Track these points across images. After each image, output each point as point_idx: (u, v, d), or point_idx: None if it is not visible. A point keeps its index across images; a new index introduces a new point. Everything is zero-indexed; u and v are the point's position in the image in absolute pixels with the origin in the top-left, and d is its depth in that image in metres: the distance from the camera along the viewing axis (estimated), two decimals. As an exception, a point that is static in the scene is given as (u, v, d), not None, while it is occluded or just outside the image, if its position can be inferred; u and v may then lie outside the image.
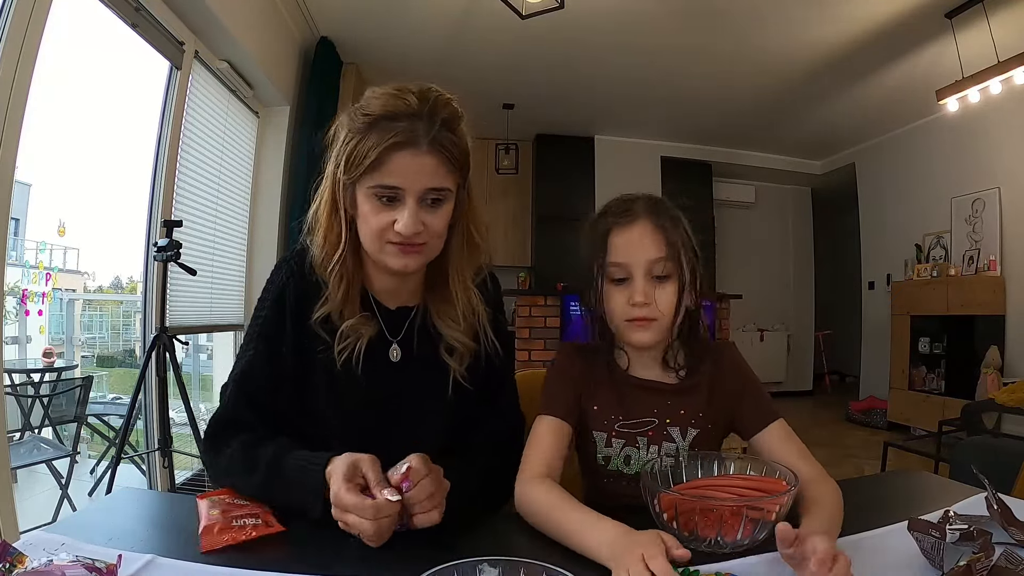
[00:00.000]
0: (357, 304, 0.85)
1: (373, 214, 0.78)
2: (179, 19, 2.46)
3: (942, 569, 0.59)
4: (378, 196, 0.77)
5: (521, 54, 3.86)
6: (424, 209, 0.78)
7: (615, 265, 0.85)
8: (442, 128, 0.76)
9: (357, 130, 0.77)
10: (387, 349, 0.88)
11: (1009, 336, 3.94)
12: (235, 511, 0.71)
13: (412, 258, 0.80)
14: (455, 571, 0.50)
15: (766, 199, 6.43)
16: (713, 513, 0.66)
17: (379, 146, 0.74)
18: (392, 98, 0.77)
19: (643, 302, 0.83)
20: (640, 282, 0.84)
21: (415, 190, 0.77)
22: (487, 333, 0.90)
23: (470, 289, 0.88)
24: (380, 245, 0.80)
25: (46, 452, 2.28)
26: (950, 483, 0.97)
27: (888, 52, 3.68)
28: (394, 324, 0.89)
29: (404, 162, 0.75)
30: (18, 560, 0.52)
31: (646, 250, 0.84)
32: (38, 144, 1.90)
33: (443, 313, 0.88)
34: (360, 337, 0.84)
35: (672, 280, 0.85)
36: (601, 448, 0.89)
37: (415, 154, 0.75)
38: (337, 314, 0.84)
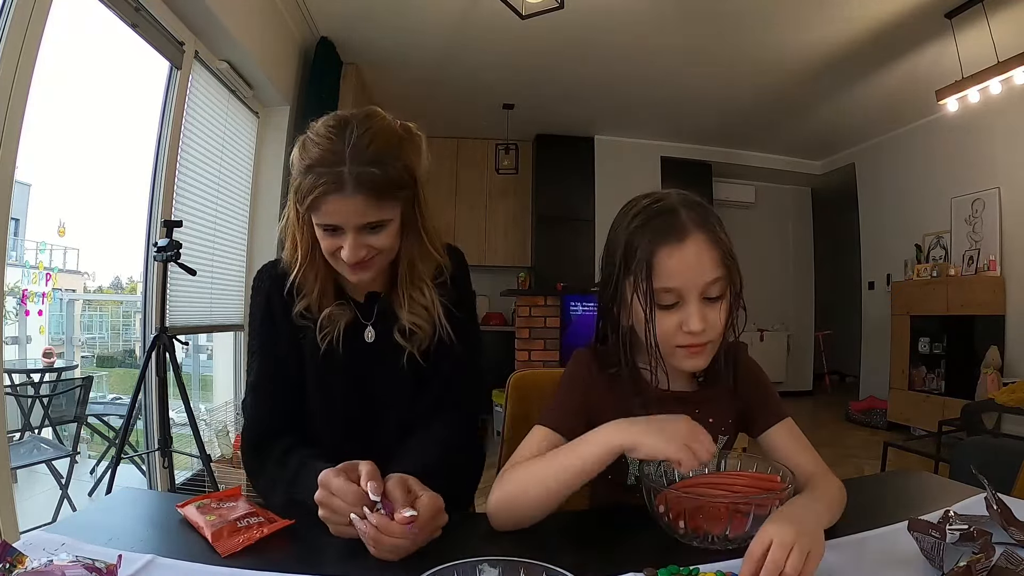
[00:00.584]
0: (332, 295, 0.94)
1: (323, 239, 0.85)
2: (179, 19, 2.46)
3: (942, 569, 0.58)
4: (323, 228, 0.84)
5: (521, 54, 3.85)
6: (366, 234, 0.84)
7: (665, 291, 0.75)
8: (368, 166, 0.79)
9: (299, 171, 0.83)
10: (363, 332, 0.96)
11: (1009, 336, 3.94)
12: (230, 514, 0.71)
13: (365, 272, 0.88)
14: (455, 571, 0.50)
15: (766, 199, 6.43)
16: (711, 511, 0.66)
17: (312, 192, 0.80)
18: (324, 140, 0.82)
19: (701, 330, 0.75)
20: (695, 307, 0.75)
21: (351, 225, 0.82)
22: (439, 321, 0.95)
23: (423, 284, 0.94)
24: (335, 262, 0.87)
25: (46, 452, 2.28)
26: (950, 483, 0.97)
27: (888, 52, 3.69)
28: (367, 308, 0.97)
29: (335, 206, 0.80)
30: (18, 560, 0.52)
31: (703, 273, 0.74)
32: (38, 144, 1.90)
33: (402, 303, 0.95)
34: (338, 322, 0.93)
35: (725, 296, 0.77)
36: (635, 468, 0.83)
37: (342, 198, 0.80)
38: (316, 306, 0.92)
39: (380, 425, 0.96)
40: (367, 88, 4.29)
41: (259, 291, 0.97)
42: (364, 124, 0.83)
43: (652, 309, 0.75)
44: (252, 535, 0.67)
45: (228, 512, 0.71)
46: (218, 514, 0.70)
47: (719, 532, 0.66)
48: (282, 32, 3.28)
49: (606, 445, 0.71)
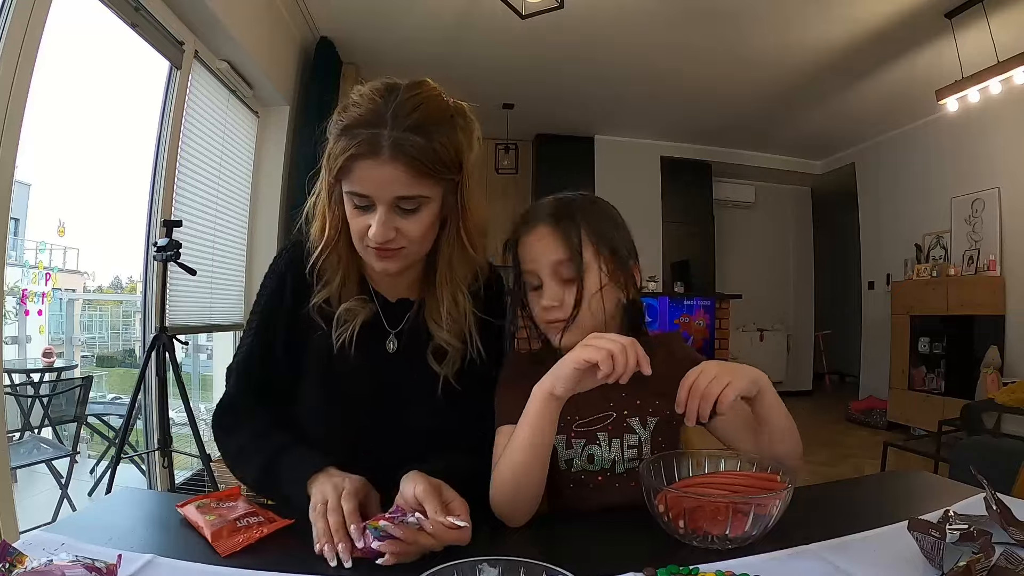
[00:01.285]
0: (355, 290, 0.86)
1: (352, 217, 0.79)
2: (179, 19, 2.46)
3: (942, 569, 0.58)
4: (353, 201, 0.77)
5: (521, 54, 3.86)
6: (398, 215, 0.77)
7: (527, 272, 0.86)
8: (408, 133, 0.73)
9: (334, 134, 0.77)
10: (385, 339, 0.89)
11: (1009, 336, 3.94)
12: (230, 513, 0.71)
13: (390, 262, 0.80)
14: (455, 571, 0.50)
15: (766, 199, 6.43)
16: (710, 510, 0.66)
17: (344, 154, 0.74)
18: (367, 100, 0.76)
19: (552, 305, 0.83)
20: (547, 285, 0.84)
21: (383, 199, 0.75)
22: (472, 337, 0.89)
23: (460, 291, 0.88)
24: (361, 247, 0.81)
25: (46, 452, 2.28)
26: (950, 483, 0.96)
27: (888, 52, 3.69)
28: (394, 315, 0.89)
29: (367, 172, 0.74)
30: (18, 560, 0.52)
31: (546, 253, 0.84)
32: (38, 144, 1.90)
33: (435, 313, 0.88)
34: (355, 319, 0.85)
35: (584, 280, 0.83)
36: (563, 451, 0.87)
37: (377, 163, 0.73)
38: (336, 299, 0.85)
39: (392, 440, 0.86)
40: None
41: (274, 271, 0.90)
42: (413, 89, 0.77)
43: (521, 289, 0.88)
44: (252, 535, 0.67)
45: (228, 512, 0.71)
46: (218, 514, 0.70)
47: (719, 532, 0.66)
48: (282, 32, 3.28)
49: (537, 396, 0.73)
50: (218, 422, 0.87)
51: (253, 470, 0.80)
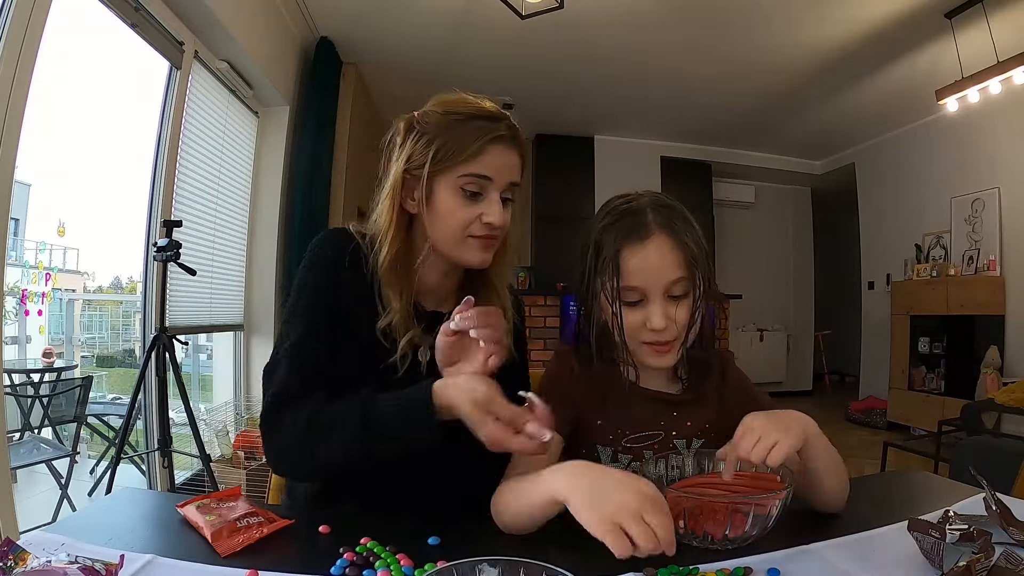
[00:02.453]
0: (412, 314, 0.86)
1: (458, 208, 0.82)
2: (179, 19, 2.46)
3: (942, 569, 0.59)
4: (465, 189, 0.81)
5: (521, 54, 3.86)
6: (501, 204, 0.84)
7: (629, 289, 0.78)
8: (518, 131, 0.85)
9: (444, 127, 0.81)
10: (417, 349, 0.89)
11: (1009, 336, 3.94)
12: (230, 514, 0.71)
13: (490, 252, 0.85)
14: (455, 571, 0.50)
15: (766, 199, 6.43)
16: (710, 510, 0.66)
17: (480, 138, 0.80)
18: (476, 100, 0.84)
19: (664, 327, 0.77)
20: (658, 305, 0.77)
21: (501, 183, 0.83)
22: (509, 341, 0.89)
23: (507, 298, 0.92)
24: (461, 238, 0.83)
25: (46, 452, 2.28)
26: (950, 483, 0.97)
27: (888, 52, 3.69)
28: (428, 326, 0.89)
29: (497, 155, 0.81)
30: (20, 558, 0.52)
31: (665, 272, 0.77)
32: (38, 144, 1.90)
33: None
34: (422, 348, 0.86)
35: (690, 296, 0.79)
36: (607, 464, 0.85)
37: (507, 149, 0.82)
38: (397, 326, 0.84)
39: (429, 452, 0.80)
40: (367, 88, 4.29)
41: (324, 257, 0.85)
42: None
43: (619, 306, 0.78)
44: (252, 535, 0.67)
45: (228, 512, 0.71)
46: (218, 514, 0.70)
47: (719, 534, 0.66)
48: (282, 32, 3.28)
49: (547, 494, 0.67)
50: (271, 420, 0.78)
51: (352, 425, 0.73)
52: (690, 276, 0.78)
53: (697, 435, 0.86)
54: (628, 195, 0.86)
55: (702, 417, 0.85)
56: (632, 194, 0.86)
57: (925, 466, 2.93)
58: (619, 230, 0.79)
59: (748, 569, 0.61)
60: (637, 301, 0.78)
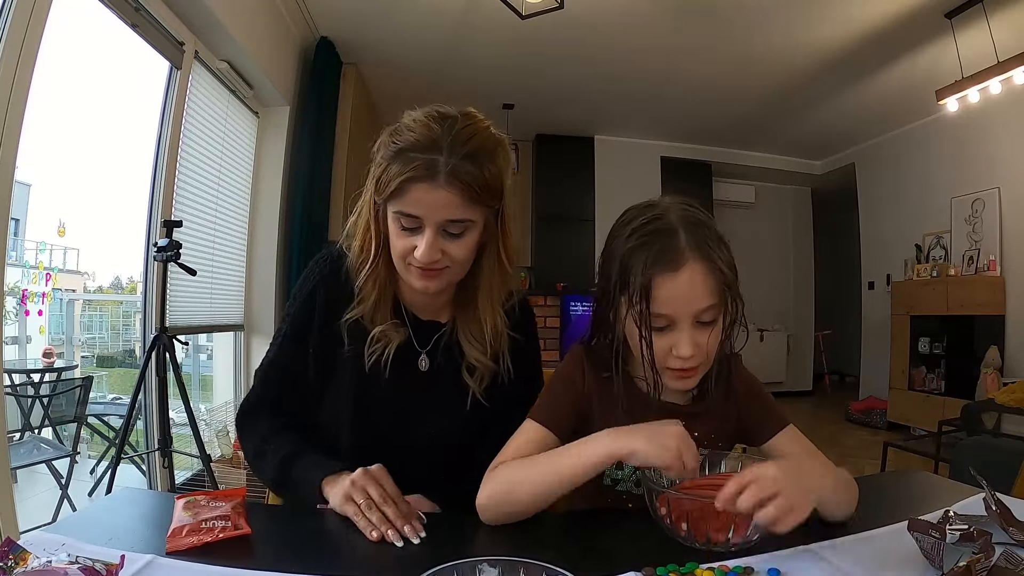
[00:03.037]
0: (389, 311, 0.89)
1: (397, 238, 0.81)
2: (179, 19, 2.46)
3: (942, 569, 0.58)
4: (400, 222, 0.80)
5: (521, 54, 3.85)
6: (445, 238, 0.80)
7: (657, 315, 0.75)
8: (463, 161, 0.77)
9: (387, 156, 0.79)
10: (416, 359, 0.92)
11: (1009, 336, 3.94)
12: (206, 513, 0.70)
13: (432, 282, 0.83)
14: (455, 571, 0.50)
15: (766, 199, 6.43)
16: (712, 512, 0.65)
17: (399, 177, 0.77)
18: (422, 127, 0.78)
19: (691, 356, 0.75)
20: (686, 333, 0.75)
21: (433, 221, 0.78)
22: (504, 358, 0.92)
23: (497, 312, 0.90)
24: (403, 266, 0.83)
25: (46, 452, 2.28)
26: (950, 483, 0.97)
27: (888, 52, 3.69)
28: (424, 335, 0.92)
29: (421, 195, 0.77)
30: (21, 558, 0.52)
31: (695, 301, 0.74)
32: (38, 144, 1.90)
33: (468, 332, 0.91)
34: (389, 343, 0.88)
35: (719, 320, 0.77)
36: (611, 471, 0.84)
37: (432, 187, 0.76)
38: (368, 319, 0.87)
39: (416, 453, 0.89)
40: (367, 88, 4.29)
41: (309, 278, 0.92)
42: (467, 119, 0.81)
43: (649, 334, 0.75)
44: (203, 537, 0.66)
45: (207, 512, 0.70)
46: (195, 512, 0.70)
47: (722, 536, 0.66)
48: (282, 32, 3.28)
49: (605, 451, 0.71)
50: (239, 423, 0.93)
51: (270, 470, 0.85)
52: (721, 302, 0.76)
53: (704, 444, 0.84)
54: (653, 205, 0.80)
55: (709, 426, 0.84)
56: (657, 204, 0.80)
57: (925, 466, 2.93)
58: (650, 254, 0.75)
59: (749, 569, 0.61)
60: (664, 327, 0.76)
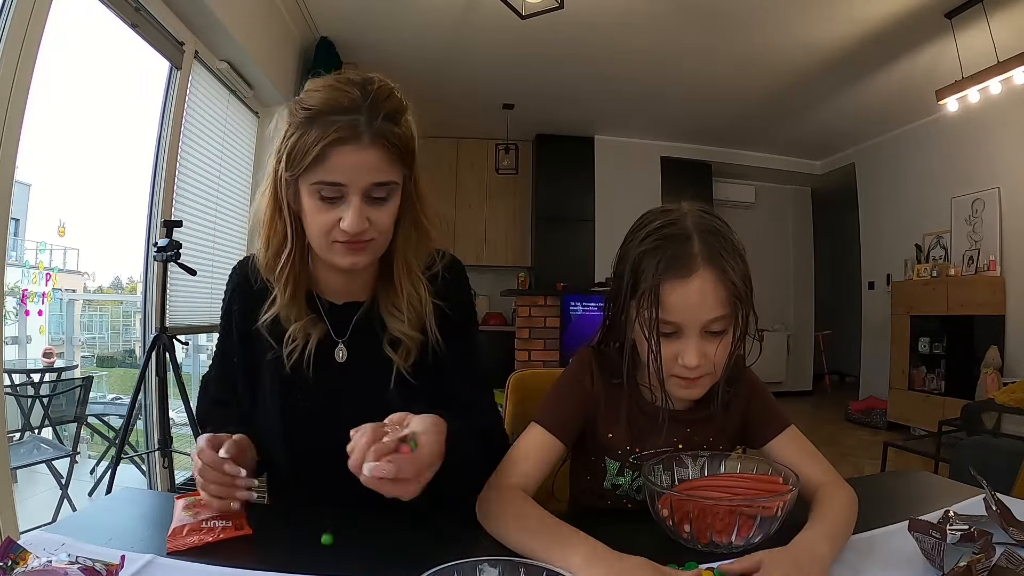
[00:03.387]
0: (303, 305, 0.83)
1: (317, 212, 0.75)
2: (179, 19, 2.46)
3: (942, 569, 0.58)
4: (320, 194, 0.74)
5: (521, 54, 3.85)
6: (369, 205, 0.75)
7: (665, 322, 0.74)
8: (384, 120, 0.73)
9: (297, 124, 0.74)
10: (333, 349, 0.86)
11: (1009, 336, 3.94)
12: (206, 512, 0.70)
13: (360, 256, 0.77)
14: (455, 571, 0.50)
15: (766, 199, 6.43)
16: (714, 513, 0.66)
17: (320, 142, 0.71)
18: (333, 91, 0.74)
19: (696, 365, 0.74)
20: (693, 342, 0.73)
21: (359, 186, 0.73)
22: (431, 326, 0.85)
23: (418, 280, 0.84)
24: (327, 244, 0.77)
25: (46, 452, 2.28)
26: (950, 483, 0.97)
27: (888, 52, 3.68)
28: (339, 322, 0.87)
29: (346, 158, 0.72)
30: (21, 558, 0.52)
31: (705, 311, 0.73)
32: (38, 144, 1.90)
33: (392, 304, 0.85)
34: (308, 339, 0.83)
35: (729, 331, 0.75)
36: (613, 476, 0.84)
37: (357, 149, 0.72)
38: (284, 317, 0.83)
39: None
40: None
41: (225, 293, 0.92)
42: (379, 80, 0.76)
43: (657, 339, 0.74)
44: (204, 537, 0.66)
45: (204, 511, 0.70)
46: (195, 512, 0.70)
47: (725, 537, 0.66)
48: (282, 32, 3.28)
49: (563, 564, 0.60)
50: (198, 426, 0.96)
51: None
52: (731, 314, 0.74)
53: (704, 447, 0.84)
54: (670, 210, 0.79)
55: (710, 433, 0.84)
56: (676, 209, 0.79)
57: (925, 466, 2.93)
58: (662, 259, 0.73)
59: (748, 569, 0.61)
60: (672, 333, 0.75)
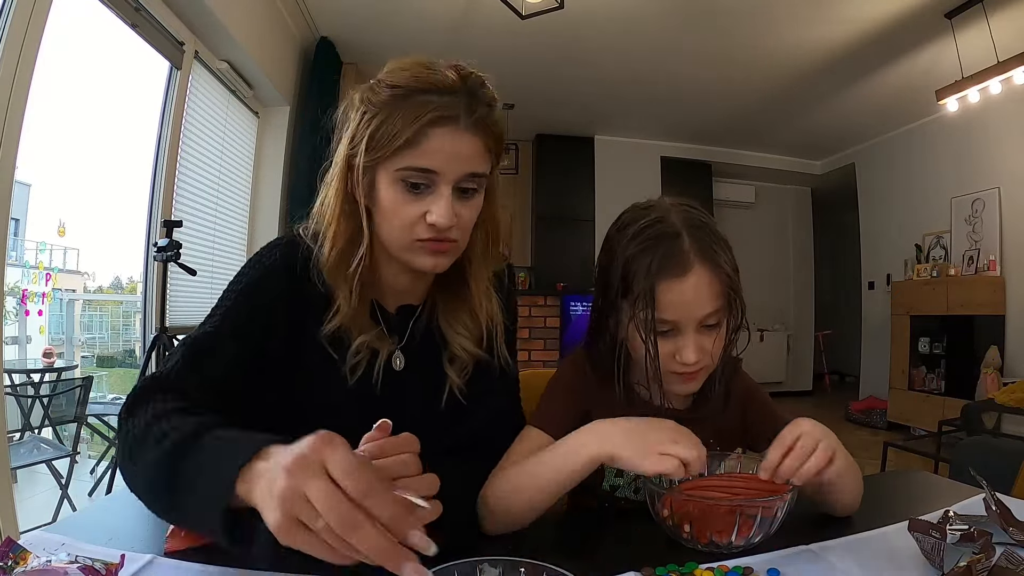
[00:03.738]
0: (367, 314, 0.75)
1: (400, 204, 0.67)
2: (179, 19, 2.46)
3: (942, 570, 0.58)
4: (406, 182, 0.66)
5: (521, 54, 3.85)
6: (457, 199, 0.68)
7: (662, 321, 0.74)
8: (484, 107, 0.68)
9: (383, 104, 0.66)
10: (390, 356, 0.77)
11: (1009, 336, 3.94)
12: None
13: (444, 257, 0.70)
14: (455, 571, 0.50)
15: (766, 199, 6.43)
16: (714, 513, 0.66)
17: (416, 121, 0.64)
18: (426, 70, 0.67)
19: (695, 361, 0.74)
20: (691, 338, 0.74)
21: (451, 175, 0.66)
22: (499, 345, 0.79)
23: (490, 294, 0.78)
24: (408, 242, 0.69)
25: (46, 452, 2.28)
26: (950, 483, 0.97)
27: (888, 52, 3.68)
28: (394, 328, 0.78)
29: (443, 141, 0.65)
30: (21, 557, 0.52)
31: (701, 306, 0.73)
32: (38, 144, 1.90)
33: (454, 317, 0.78)
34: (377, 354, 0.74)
35: (722, 325, 0.76)
36: (610, 478, 0.85)
37: (456, 132, 0.65)
38: (348, 328, 0.72)
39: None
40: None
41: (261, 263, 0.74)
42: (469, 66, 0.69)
43: (654, 340, 0.74)
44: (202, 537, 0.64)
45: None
46: None
47: (725, 537, 0.65)
48: (282, 32, 3.28)
49: (586, 457, 0.67)
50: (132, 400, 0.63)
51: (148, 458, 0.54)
52: (725, 306, 0.75)
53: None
54: (653, 207, 0.79)
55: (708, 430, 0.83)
56: (657, 206, 0.79)
57: (925, 466, 2.93)
58: (655, 260, 0.73)
59: (748, 569, 0.61)
60: (668, 331, 0.75)
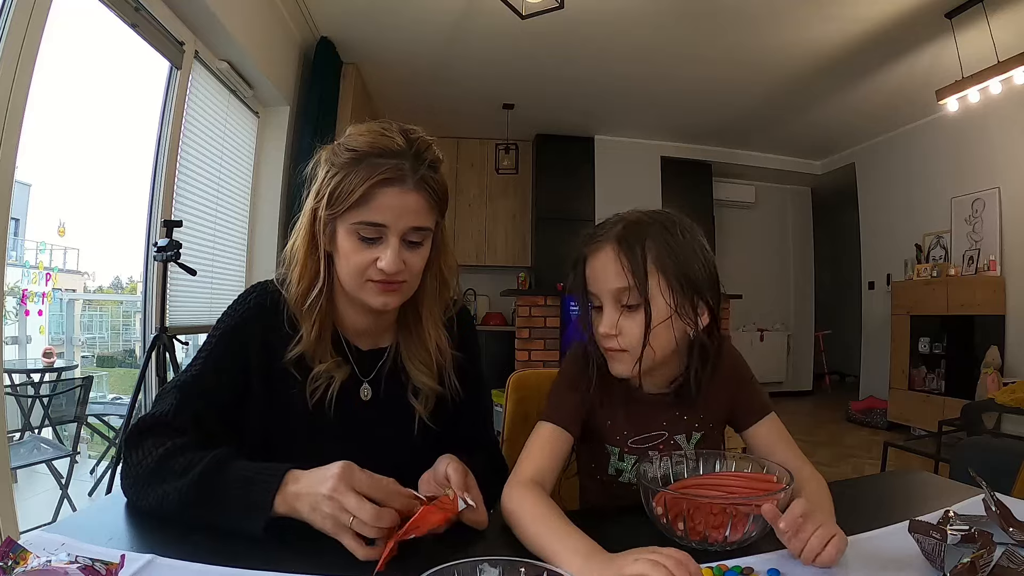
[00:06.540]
0: (329, 345, 0.84)
1: (354, 252, 0.78)
2: (179, 19, 2.46)
3: (943, 570, 0.59)
4: (360, 234, 0.77)
5: (521, 54, 3.85)
6: (405, 248, 0.78)
7: (591, 294, 0.83)
8: (428, 168, 0.78)
9: (342, 165, 0.77)
10: (358, 388, 0.87)
11: (1009, 336, 3.94)
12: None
13: (392, 296, 0.80)
14: (455, 571, 0.50)
15: (766, 199, 6.43)
16: (708, 511, 0.66)
17: (366, 182, 0.74)
18: (378, 135, 0.77)
19: (607, 333, 0.80)
20: (606, 313, 0.81)
21: (399, 228, 0.77)
22: (450, 377, 0.89)
23: (440, 330, 0.88)
24: (360, 283, 0.79)
25: (46, 452, 2.28)
26: (950, 483, 0.97)
27: (888, 52, 3.69)
28: (365, 365, 0.88)
29: (390, 199, 0.75)
30: (21, 557, 0.52)
31: (609, 279, 0.80)
32: (38, 144, 1.90)
33: (413, 355, 0.88)
34: (332, 380, 0.83)
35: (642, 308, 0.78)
36: (615, 462, 0.88)
37: (402, 191, 0.76)
38: (310, 355, 0.83)
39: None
40: (367, 88, 4.29)
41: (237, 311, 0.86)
42: (417, 130, 0.80)
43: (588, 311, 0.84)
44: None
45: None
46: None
47: (719, 535, 0.66)
48: (282, 32, 3.28)
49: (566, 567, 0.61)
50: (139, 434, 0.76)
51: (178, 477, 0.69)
52: (639, 288, 0.77)
53: (695, 428, 0.88)
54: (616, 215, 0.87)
55: (695, 409, 0.88)
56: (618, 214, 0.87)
57: (925, 466, 2.93)
58: (583, 240, 0.85)
59: (748, 569, 0.61)
60: (598, 306, 0.83)
